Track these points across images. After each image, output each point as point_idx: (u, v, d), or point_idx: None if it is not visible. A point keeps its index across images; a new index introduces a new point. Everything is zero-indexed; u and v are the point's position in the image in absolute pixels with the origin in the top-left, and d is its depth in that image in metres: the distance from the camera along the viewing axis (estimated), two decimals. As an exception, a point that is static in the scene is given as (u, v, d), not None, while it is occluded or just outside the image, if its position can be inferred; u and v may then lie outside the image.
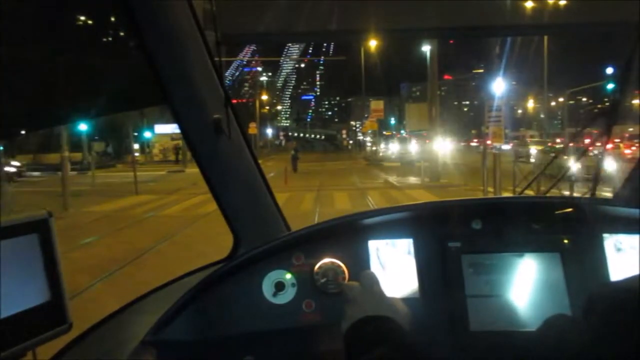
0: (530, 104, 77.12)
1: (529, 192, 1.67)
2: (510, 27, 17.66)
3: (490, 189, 12.06)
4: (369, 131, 42.05)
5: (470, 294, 1.19)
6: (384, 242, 1.29)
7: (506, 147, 24.47)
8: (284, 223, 1.45)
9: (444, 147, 24.76)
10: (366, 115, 48.00)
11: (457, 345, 1.16)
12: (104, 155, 33.63)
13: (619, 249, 1.21)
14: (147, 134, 31.34)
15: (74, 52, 1.19)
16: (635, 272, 0.76)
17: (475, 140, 52.30)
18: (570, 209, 1.23)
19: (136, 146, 30.64)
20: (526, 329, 1.13)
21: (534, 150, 25.26)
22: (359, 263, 1.26)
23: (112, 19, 1.29)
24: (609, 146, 1.23)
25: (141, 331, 1.12)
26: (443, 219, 1.28)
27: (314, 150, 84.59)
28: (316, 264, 1.27)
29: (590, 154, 1.54)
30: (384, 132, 66.98)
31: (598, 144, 1.38)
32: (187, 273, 1.39)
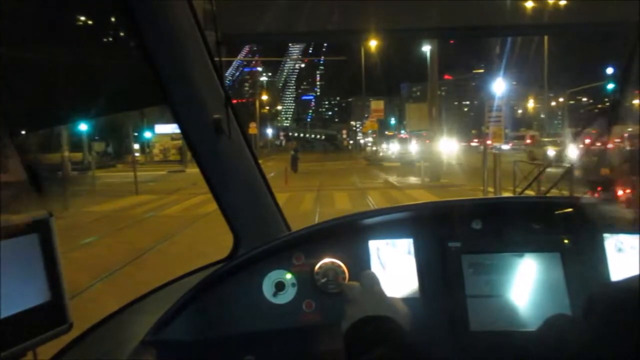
0: (531, 104, 77.10)
1: (529, 192, 1.67)
2: (510, 27, 17.69)
3: (491, 189, 12.06)
4: (370, 131, 42.06)
5: (470, 294, 1.19)
6: (384, 242, 1.29)
7: (506, 147, 24.05)
8: (284, 223, 1.45)
9: (444, 147, 24.49)
10: (366, 115, 47.97)
11: (457, 345, 1.16)
12: (104, 155, 33.61)
13: (619, 249, 1.21)
14: (147, 134, 31.30)
15: (74, 52, 1.19)
16: (635, 272, 0.76)
17: (476, 140, 52.23)
18: (570, 209, 1.23)
19: (136, 146, 30.63)
20: (526, 329, 1.13)
21: (552, 152, 23.02)
22: (359, 263, 1.26)
23: (112, 19, 1.29)
24: (610, 146, 1.23)
25: (141, 331, 1.12)
26: (443, 219, 1.28)
27: (314, 150, 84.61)
28: (316, 264, 1.27)
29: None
30: (386, 132, 66.94)
31: (598, 144, 1.38)
32: (187, 273, 1.39)
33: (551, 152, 23.32)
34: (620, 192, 0.93)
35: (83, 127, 20.96)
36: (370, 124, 36.05)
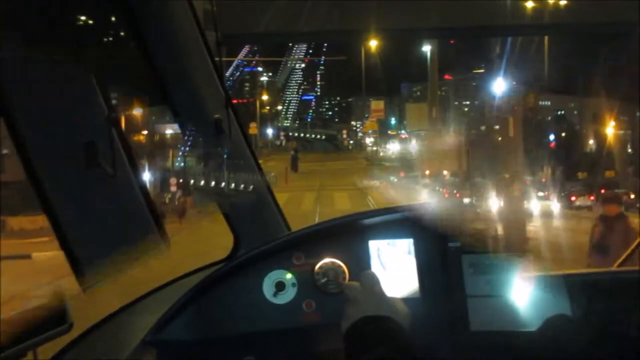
0: (531, 103, 76.87)
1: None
2: (510, 27, 17.70)
3: (491, 189, 12.05)
4: (370, 131, 42.09)
5: (470, 294, 1.19)
6: (385, 242, 1.29)
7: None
8: (284, 223, 1.45)
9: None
10: (367, 115, 47.97)
11: (457, 345, 1.16)
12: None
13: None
14: (147, 134, 31.25)
15: (74, 52, 1.19)
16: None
17: (476, 140, 52.06)
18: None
19: (136, 146, 30.58)
20: (526, 329, 1.13)
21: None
22: (360, 263, 1.26)
23: (112, 19, 1.29)
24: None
25: (141, 331, 1.12)
26: (443, 219, 1.27)
27: (315, 150, 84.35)
28: (317, 263, 1.27)
29: None
30: (389, 132, 66.83)
31: None
32: (187, 273, 1.39)
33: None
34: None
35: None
36: (370, 124, 36.13)
